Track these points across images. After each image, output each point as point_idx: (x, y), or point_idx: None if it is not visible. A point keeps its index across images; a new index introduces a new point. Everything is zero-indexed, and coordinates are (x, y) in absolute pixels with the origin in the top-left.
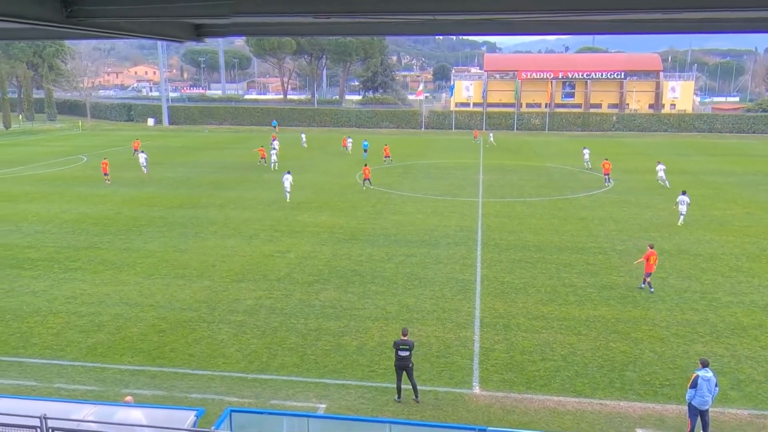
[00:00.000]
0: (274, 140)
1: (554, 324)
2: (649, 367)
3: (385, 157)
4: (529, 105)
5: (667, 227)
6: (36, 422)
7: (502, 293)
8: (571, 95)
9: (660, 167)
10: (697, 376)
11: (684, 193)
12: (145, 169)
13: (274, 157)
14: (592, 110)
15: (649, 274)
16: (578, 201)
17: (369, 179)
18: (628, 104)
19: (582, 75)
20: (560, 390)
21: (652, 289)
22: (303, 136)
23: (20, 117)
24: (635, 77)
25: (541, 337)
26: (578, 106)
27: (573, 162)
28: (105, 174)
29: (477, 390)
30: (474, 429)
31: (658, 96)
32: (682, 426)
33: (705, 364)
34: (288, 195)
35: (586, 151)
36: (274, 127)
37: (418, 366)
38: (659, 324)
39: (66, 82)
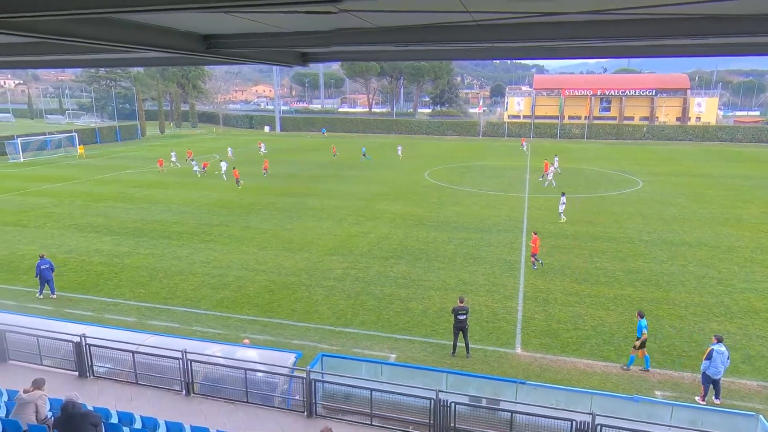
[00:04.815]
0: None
1: (586, 300)
2: (669, 340)
3: (264, 170)
4: (570, 117)
5: (689, 222)
6: (179, 355)
7: (542, 273)
8: (608, 109)
9: (555, 160)
10: (712, 350)
11: (563, 194)
12: (224, 176)
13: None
14: (625, 122)
15: (534, 255)
16: (610, 198)
17: (239, 179)
18: (657, 117)
19: (617, 92)
20: (590, 354)
21: (542, 262)
22: (399, 148)
23: (171, 124)
24: (665, 94)
25: (574, 310)
26: (613, 118)
27: (608, 165)
28: (160, 166)
29: (519, 350)
30: (515, 382)
31: (685, 110)
32: (696, 391)
33: (719, 340)
34: (225, 177)
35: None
36: (323, 132)
37: (470, 328)
38: (679, 304)
39: (205, 98)
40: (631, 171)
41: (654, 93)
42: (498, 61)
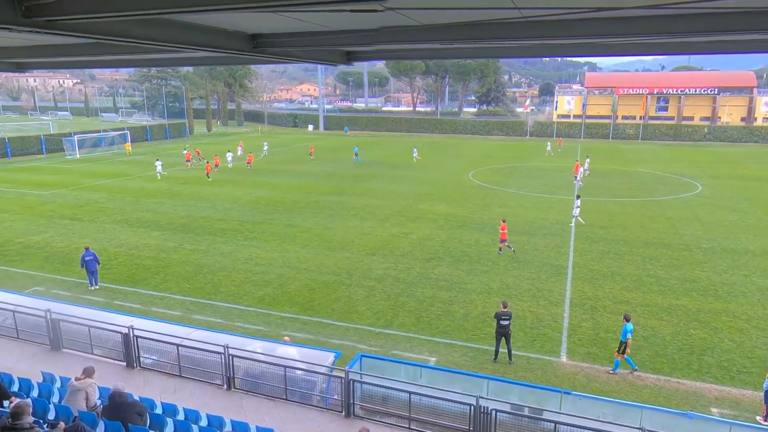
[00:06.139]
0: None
1: (637, 308)
2: (727, 354)
3: (248, 163)
4: (624, 117)
5: (752, 229)
6: (221, 349)
7: (591, 279)
8: (665, 109)
9: (586, 162)
10: None
11: (578, 197)
12: (230, 164)
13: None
14: (684, 122)
15: (503, 241)
16: (666, 202)
17: (209, 173)
18: (720, 117)
19: (676, 91)
20: (640, 366)
21: (512, 248)
22: (415, 150)
23: (218, 122)
24: (728, 93)
25: None
26: (671, 118)
27: (664, 168)
28: (187, 161)
29: (564, 359)
30: (560, 391)
31: (750, 110)
32: (758, 410)
33: None
34: (159, 175)
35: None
36: (347, 131)
37: (513, 334)
38: (740, 317)
39: (251, 97)
40: (689, 174)
41: (716, 92)
42: (547, 59)
